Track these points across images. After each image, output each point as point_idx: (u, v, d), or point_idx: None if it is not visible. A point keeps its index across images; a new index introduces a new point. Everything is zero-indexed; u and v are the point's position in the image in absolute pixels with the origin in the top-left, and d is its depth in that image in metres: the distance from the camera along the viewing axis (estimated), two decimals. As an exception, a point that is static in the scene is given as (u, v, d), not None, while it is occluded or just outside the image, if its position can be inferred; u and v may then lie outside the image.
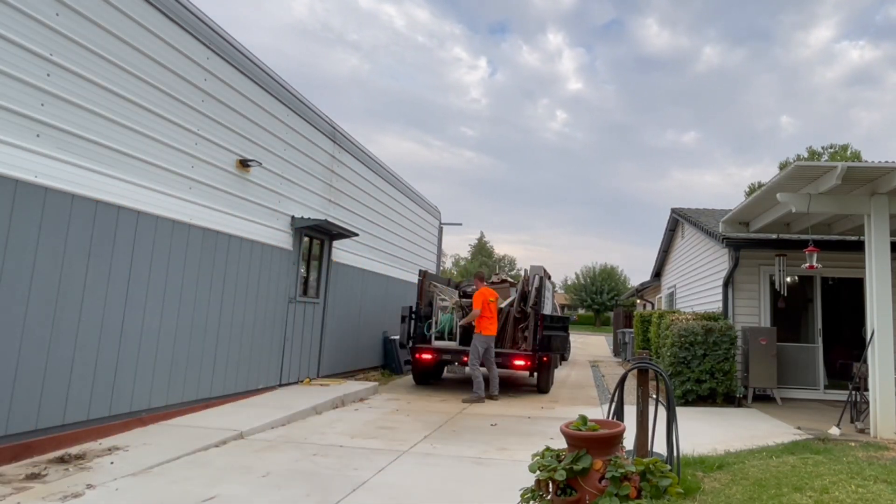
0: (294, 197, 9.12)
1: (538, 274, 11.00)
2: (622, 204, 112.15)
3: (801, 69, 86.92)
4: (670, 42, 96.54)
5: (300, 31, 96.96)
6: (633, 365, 4.60)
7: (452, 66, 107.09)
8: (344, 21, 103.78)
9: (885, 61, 79.00)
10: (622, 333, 19.76)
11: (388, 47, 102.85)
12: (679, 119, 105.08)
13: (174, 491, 4.28)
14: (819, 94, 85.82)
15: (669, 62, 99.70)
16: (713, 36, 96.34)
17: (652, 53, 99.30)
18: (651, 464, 3.65)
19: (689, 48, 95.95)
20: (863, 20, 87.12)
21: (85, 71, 5.35)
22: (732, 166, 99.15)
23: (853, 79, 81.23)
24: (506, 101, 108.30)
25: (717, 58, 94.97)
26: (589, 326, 59.68)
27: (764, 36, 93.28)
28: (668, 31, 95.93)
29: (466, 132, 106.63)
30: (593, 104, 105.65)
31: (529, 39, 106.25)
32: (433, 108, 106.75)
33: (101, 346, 5.57)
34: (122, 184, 5.78)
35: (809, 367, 9.98)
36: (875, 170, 6.97)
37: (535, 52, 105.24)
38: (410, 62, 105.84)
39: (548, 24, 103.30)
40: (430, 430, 6.82)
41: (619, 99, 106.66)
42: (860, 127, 78.48)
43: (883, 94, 78.85)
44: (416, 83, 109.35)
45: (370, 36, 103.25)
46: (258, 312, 8.18)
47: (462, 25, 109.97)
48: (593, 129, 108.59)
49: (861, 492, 3.92)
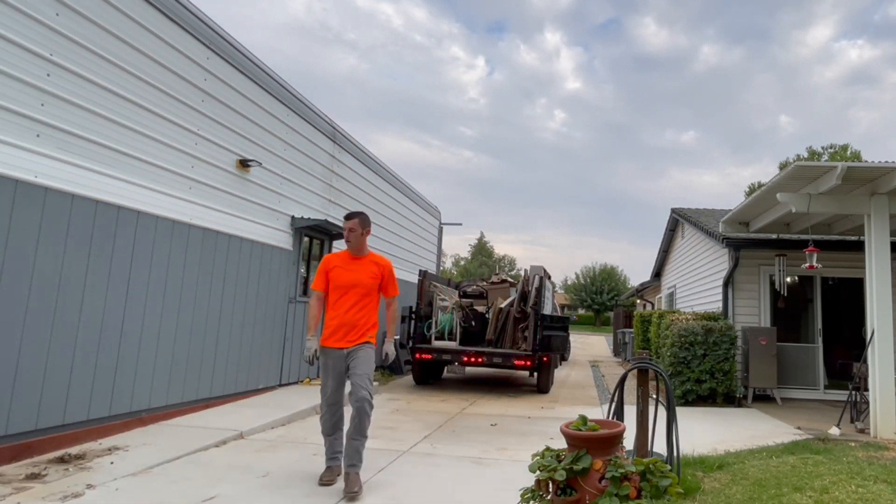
0: (294, 197, 9.12)
1: (538, 274, 11.00)
2: (622, 204, 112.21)
3: (800, 68, 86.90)
4: (668, 41, 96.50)
5: (297, 30, 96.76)
6: (633, 365, 4.59)
7: (450, 66, 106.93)
8: (342, 20, 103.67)
9: (884, 61, 78.91)
10: (622, 333, 19.76)
11: (385, 46, 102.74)
12: (678, 119, 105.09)
13: (174, 491, 4.28)
14: (818, 93, 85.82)
15: (668, 61, 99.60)
16: (711, 35, 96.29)
17: (650, 53, 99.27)
18: (651, 464, 3.65)
19: (688, 47, 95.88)
20: (861, 19, 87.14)
21: (85, 71, 5.35)
22: (731, 166, 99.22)
23: (852, 78, 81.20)
24: (504, 101, 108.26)
25: (716, 57, 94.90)
26: (589, 326, 59.67)
27: (762, 35, 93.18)
28: (667, 30, 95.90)
29: (465, 132, 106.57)
30: (592, 104, 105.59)
31: (528, 39, 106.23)
32: (431, 108, 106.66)
33: (101, 346, 5.57)
34: (122, 184, 5.78)
35: (809, 367, 9.98)
36: (875, 170, 6.97)
37: (534, 52, 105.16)
38: (408, 61, 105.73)
39: (546, 23, 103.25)
40: (430, 430, 6.82)
41: (618, 98, 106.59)
42: (859, 126, 78.46)
43: (882, 94, 78.84)
44: (415, 83, 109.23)
45: (368, 35, 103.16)
46: (258, 312, 8.18)
47: (460, 24, 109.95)
48: (592, 128, 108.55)
49: (861, 492, 3.92)
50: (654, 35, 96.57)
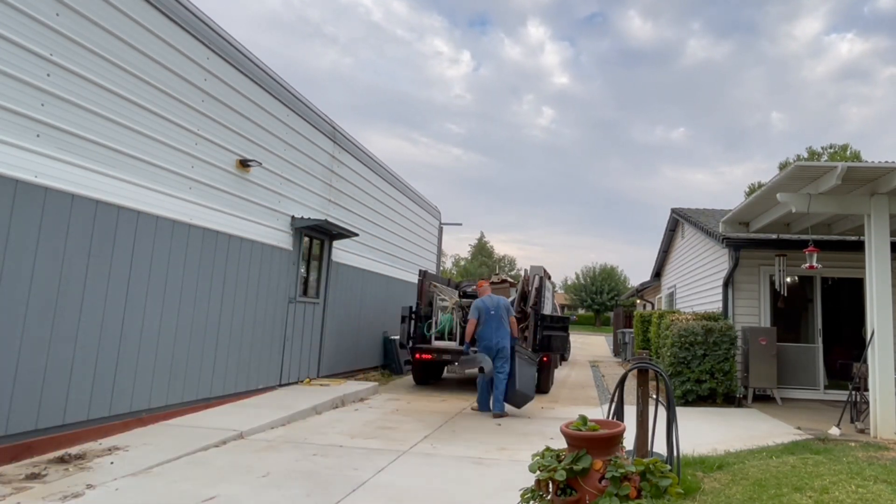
0: (294, 197, 9.12)
1: (538, 274, 10.99)
2: (614, 202, 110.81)
3: (790, 63, 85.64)
4: (654, 34, 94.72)
5: (276, 24, 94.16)
6: (633, 365, 4.59)
7: (434, 60, 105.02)
8: (321, 13, 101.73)
9: (874, 55, 77.92)
10: (622, 333, 19.77)
11: (366, 40, 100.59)
12: (668, 115, 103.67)
13: (174, 491, 4.28)
14: (809, 88, 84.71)
15: (654, 55, 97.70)
16: (698, 29, 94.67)
17: (637, 47, 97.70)
18: (651, 464, 3.65)
19: (674, 41, 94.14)
20: (851, 13, 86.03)
21: (85, 71, 5.35)
22: (724, 164, 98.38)
23: (843, 73, 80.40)
24: (491, 97, 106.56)
25: (703, 51, 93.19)
26: (589, 326, 59.68)
27: (750, 28, 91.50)
28: (651, 23, 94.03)
29: (453, 129, 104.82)
30: (580, 100, 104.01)
31: (511, 32, 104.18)
32: (417, 104, 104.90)
33: (101, 346, 5.57)
34: (122, 184, 5.78)
35: (809, 367, 9.98)
36: (875, 170, 6.97)
37: (518, 46, 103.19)
38: (391, 56, 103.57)
39: (529, 16, 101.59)
40: (430, 430, 6.82)
41: (606, 94, 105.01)
42: (851, 123, 77.76)
43: (874, 90, 78.20)
44: (399, 78, 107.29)
45: (347, 29, 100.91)
46: (258, 312, 8.18)
47: (441, 17, 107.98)
48: (581, 125, 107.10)
49: (861, 492, 3.92)
50: (640, 29, 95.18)
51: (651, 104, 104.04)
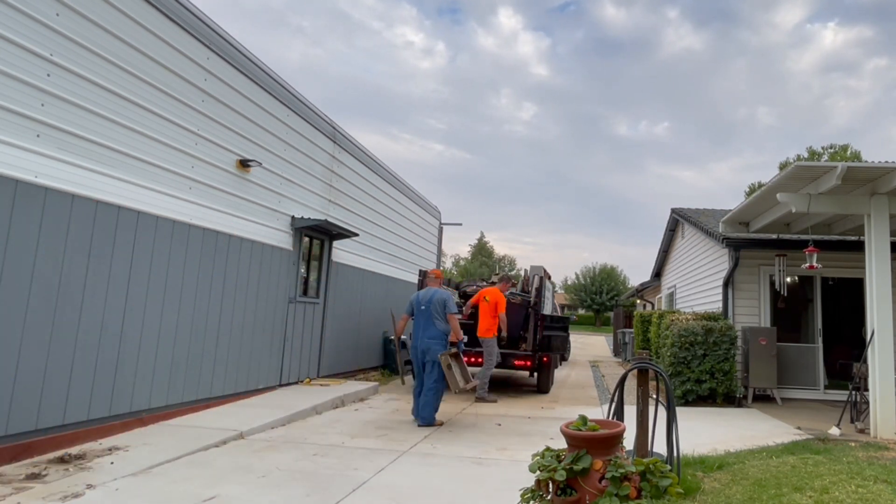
0: (294, 197, 9.12)
1: (538, 274, 11.00)
2: (602, 199, 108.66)
3: (773, 54, 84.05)
4: (629, 23, 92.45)
5: (237, 10, 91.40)
6: (633, 365, 4.59)
7: (407, 52, 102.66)
8: (285, 1, 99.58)
9: (858, 45, 76.50)
10: (622, 333, 19.77)
11: (334, 29, 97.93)
12: (652, 109, 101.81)
13: (174, 491, 4.28)
14: (794, 80, 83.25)
15: (631, 45, 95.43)
16: (674, 17, 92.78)
17: (613, 36, 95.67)
18: (651, 464, 3.65)
19: (650, 30, 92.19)
20: (831, 1, 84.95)
21: (85, 71, 5.35)
22: (712, 161, 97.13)
23: (828, 66, 79.16)
24: (469, 90, 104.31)
25: (682, 41, 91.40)
26: (589, 326, 59.67)
27: (728, 16, 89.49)
28: (625, 11, 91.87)
29: (434, 124, 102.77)
30: (561, 92, 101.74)
31: (482, 22, 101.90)
32: (394, 98, 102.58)
33: (101, 346, 5.57)
34: (122, 184, 5.78)
35: (809, 367, 9.98)
36: (875, 170, 6.98)
37: (491, 37, 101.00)
38: (360, 46, 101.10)
39: (499, 5, 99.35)
40: (430, 430, 6.82)
41: (587, 86, 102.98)
42: (840, 116, 76.99)
43: (860, 82, 77.26)
44: (374, 72, 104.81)
45: (314, 17, 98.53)
46: (258, 312, 8.18)
47: (410, 5, 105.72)
48: (563, 120, 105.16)
49: (861, 492, 3.92)
50: (614, 17, 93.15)
51: (634, 97, 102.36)
